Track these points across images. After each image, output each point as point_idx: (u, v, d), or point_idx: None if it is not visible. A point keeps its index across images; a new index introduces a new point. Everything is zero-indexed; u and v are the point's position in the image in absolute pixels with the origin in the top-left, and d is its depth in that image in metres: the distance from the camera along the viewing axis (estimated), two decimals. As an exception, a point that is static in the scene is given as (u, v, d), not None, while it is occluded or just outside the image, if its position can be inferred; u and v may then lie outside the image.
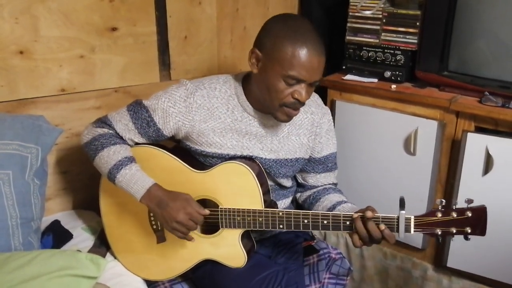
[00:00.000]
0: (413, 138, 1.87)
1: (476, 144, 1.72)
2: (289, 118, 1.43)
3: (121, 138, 1.49)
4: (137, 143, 1.51)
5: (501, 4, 1.70)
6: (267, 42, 1.37)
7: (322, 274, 1.64)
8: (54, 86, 1.72)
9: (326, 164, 1.63)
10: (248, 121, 1.49)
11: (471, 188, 1.76)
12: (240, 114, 1.48)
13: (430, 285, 2.03)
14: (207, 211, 1.39)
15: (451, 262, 1.90)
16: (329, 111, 1.63)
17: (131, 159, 1.42)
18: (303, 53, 1.32)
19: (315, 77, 1.37)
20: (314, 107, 1.58)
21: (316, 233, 2.23)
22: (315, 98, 1.62)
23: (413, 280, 2.08)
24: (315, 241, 1.71)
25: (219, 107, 1.47)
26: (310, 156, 1.60)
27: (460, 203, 1.28)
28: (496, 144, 1.69)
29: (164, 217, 1.37)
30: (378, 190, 2.01)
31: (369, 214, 1.29)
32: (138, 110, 1.48)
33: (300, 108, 1.46)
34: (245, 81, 1.49)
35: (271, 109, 1.42)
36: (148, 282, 1.57)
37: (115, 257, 1.59)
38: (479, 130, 1.76)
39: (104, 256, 1.57)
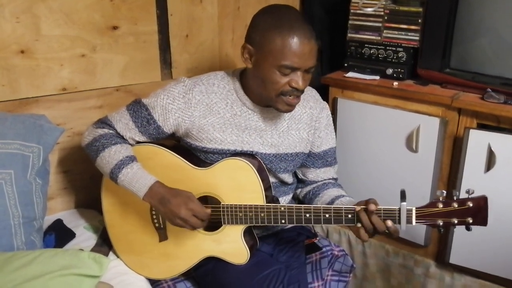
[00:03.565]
0: (415, 135, 1.87)
1: (478, 141, 1.72)
2: (290, 107, 1.43)
3: (122, 137, 1.49)
4: (138, 142, 1.52)
5: (502, 1, 1.69)
6: (256, 36, 1.38)
7: (324, 271, 1.64)
8: (56, 85, 1.73)
9: (325, 158, 1.63)
10: (248, 116, 1.49)
11: (474, 185, 1.72)
12: (239, 109, 1.48)
13: (432, 282, 2.03)
14: (208, 211, 1.39)
15: (454, 259, 1.89)
16: (327, 106, 1.64)
17: (132, 158, 1.42)
18: (292, 41, 1.32)
19: (309, 63, 1.36)
20: (312, 102, 1.58)
21: (318, 230, 2.23)
22: (313, 93, 1.62)
23: (415, 277, 2.08)
24: (317, 238, 1.70)
25: (218, 103, 1.47)
26: (309, 151, 1.60)
27: (461, 195, 1.28)
28: (499, 141, 1.69)
29: (166, 213, 1.37)
30: (380, 187, 2.01)
31: (372, 207, 1.29)
32: (137, 109, 1.48)
33: (299, 103, 1.47)
34: (243, 76, 1.50)
35: (270, 101, 1.42)
36: (151, 281, 1.57)
37: (117, 256, 1.59)
38: (482, 127, 1.76)
39: (106, 255, 1.57)
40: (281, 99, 1.40)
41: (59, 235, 1.65)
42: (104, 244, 1.62)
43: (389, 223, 1.29)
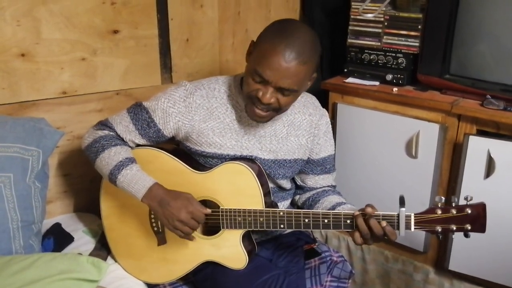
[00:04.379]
0: (414, 141, 1.87)
1: (478, 147, 1.72)
2: (254, 116, 1.40)
3: (122, 139, 1.49)
4: (138, 145, 1.52)
5: (502, 7, 1.70)
6: (259, 37, 1.39)
7: (323, 277, 1.63)
8: (56, 89, 1.73)
9: (324, 165, 1.63)
10: (247, 121, 1.49)
11: (473, 191, 1.73)
12: (239, 114, 1.48)
13: (431, 289, 2.03)
14: (208, 210, 1.39)
15: (453, 265, 1.89)
16: (327, 113, 1.64)
17: (131, 160, 1.42)
18: (274, 52, 1.29)
19: (283, 83, 1.31)
20: (312, 109, 1.58)
21: (317, 236, 2.23)
22: (313, 100, 1.62)
23: (414, 283, 2.07)
24: (316, 244, 1.70)
25: (218, 107, 1.47)
26: (308, 158, 1.60)
27: (461, 201, 1.28)
28: (498, 147, 1.69)
29: (165, 216, 1.36)
30: (380, 193, 2.01)
31: (369, 210, 1.29)
32: (138, 112, 1.48)
33: (299, 110, 1.48)
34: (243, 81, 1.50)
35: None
36: (149, 285, 1.57)
37: (115, 261, 1.59)
38: (481, 133, 1.76)
39: (105, 259, 1.57)
40: (248, 105, 1.40)
41: (57, 239, 1.65)
42: (103, 248, 1.62)
43: (384, 223, 1.29)
